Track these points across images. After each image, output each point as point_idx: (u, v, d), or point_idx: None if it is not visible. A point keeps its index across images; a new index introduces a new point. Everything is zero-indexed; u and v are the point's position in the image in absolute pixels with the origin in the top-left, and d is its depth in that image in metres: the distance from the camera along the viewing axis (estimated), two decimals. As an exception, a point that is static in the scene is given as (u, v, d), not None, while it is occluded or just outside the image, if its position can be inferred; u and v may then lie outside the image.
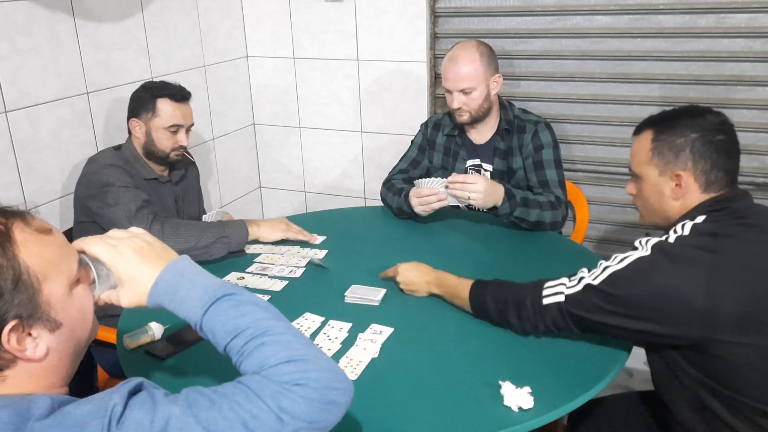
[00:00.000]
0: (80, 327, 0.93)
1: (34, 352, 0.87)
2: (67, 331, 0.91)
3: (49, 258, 0.89)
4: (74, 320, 0.92)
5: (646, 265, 1.27)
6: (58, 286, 0.89)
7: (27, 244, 0.87)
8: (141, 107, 1.99)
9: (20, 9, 1.97)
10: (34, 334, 0.87)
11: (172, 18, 2.56)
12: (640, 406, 1.59)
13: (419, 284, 1.64)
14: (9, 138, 1.98)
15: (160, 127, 1.98)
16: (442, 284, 1.61)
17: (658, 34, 2.34)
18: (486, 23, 2.58)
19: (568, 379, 1.31)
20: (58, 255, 0.91)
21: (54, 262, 0.89)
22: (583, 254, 1.92)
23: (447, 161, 2.26)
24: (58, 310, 0.89)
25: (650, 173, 1.39)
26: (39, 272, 0.86)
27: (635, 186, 1.46)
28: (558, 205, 2.02)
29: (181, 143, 2.02)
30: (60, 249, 0.92)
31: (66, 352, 0.92)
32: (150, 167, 2.05)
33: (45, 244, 0.89)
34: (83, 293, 0.95)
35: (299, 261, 1.88)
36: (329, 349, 1.43)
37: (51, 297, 0.88)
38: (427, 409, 1.23)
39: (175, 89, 2.01)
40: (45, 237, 0.90)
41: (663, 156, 1.36)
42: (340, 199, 3.08)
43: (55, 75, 2.10)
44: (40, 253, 0.88)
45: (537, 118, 2.16)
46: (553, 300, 1.36)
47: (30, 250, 0.87)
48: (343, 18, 2.76)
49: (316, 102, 2.97)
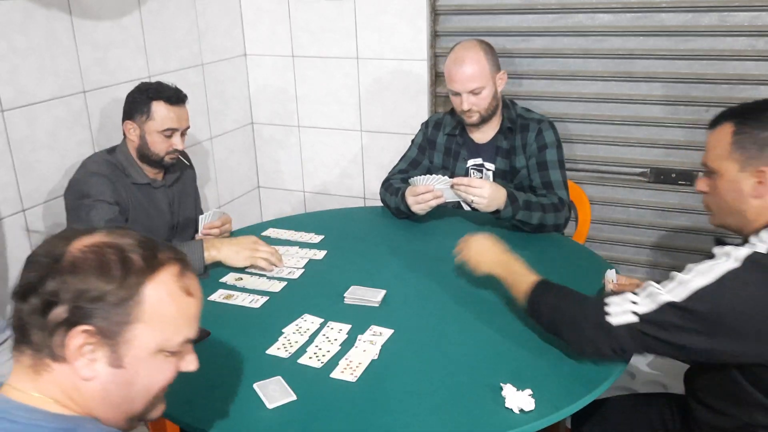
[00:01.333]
0: (139, 389, 0.89)
1: (83, 367, 0.85)
2: (124, 381, 0.87)
3: (166, 312, 0.87)
4: (138, 377, 0.88)
5: (738, 279, 1.16)
6: (150, 339, 0.87)
7: (161, 287, 0.87)
8: (135, 109, 1.95)
9: (17, 7, 1.95)
10: (97, 355, 0.85)
11: (170, 16, 2.54)
12: (643, 408, 1.58)
13: (488, 257, 1.57)
14: (5, 137, 1.96)
15: (154, 130, 1.95)
16: (509, 268, 1.51)
17: (661, 33, 2.32)
18: (487, 21, 2.57)
19: (570, 381, 1.30)
20: (176, 318, 0.89)
21: (166, 319, 0.88)
22: (585, 255, 1.90)
23: (448, 161, 2.24)
24: (131, 355, 0.86)
25: (729, 168, 1.28)
26: (146, 313, 0.85)
27: (708, 183, 1.34)
28: (561, 207, 2.00)
29: (176, 147, 1.98)
30: (182, 317, 0.89)
31: (110, 400, 0.88)
32: (143, 171, 2.02)
33: (175, 299, 0.88)
34: (163, 370, 0.90)
35: (298, 262, 1.86)
36: (328, 351, 1.42)
37: (135, 340, 0.86)
38: (427, 412, 1.22)
39: (170, 91, 1.97)
40: (181, 295, 0.89)
41: (745, 150, 1.25)
42: (340, 199, 3.06)
43: (51, 74, 2.08)
44: (163, 302, 0.87)
45: (540, 117, 2.15)
46: (622, 321, 1.23)
47: (157, 293, 0.86)
48: (342, 16, 2.74)
49: (315, 101, 2.96)
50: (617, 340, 1.24)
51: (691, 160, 2.39)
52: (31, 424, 0.82)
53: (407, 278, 1.75)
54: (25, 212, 2.06)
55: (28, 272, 0.86)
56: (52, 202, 2.13)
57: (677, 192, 2.44)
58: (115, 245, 0.87)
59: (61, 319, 0.83)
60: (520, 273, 1.48)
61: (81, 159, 2.02)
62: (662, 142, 2.42)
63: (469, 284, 1.70)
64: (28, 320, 0.84)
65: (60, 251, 0.85)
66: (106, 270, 0.84)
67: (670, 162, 2.43)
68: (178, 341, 0.90)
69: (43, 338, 0.84)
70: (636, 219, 2.55)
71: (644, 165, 2.47)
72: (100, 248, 0.86)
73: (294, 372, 1.35)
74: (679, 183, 2.42)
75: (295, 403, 1.25)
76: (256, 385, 1.30)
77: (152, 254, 0.88)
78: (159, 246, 0.91)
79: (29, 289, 0.84)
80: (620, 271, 1.97)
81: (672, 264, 2.53)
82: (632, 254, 2.59)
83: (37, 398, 0.85)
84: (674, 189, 2.44)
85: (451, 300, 1.63)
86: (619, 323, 1.23)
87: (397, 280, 1.73)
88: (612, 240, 2.61)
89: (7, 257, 2.01)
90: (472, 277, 1.74)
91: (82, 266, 0.84)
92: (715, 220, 1.37)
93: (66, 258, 0.85)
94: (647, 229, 2.54)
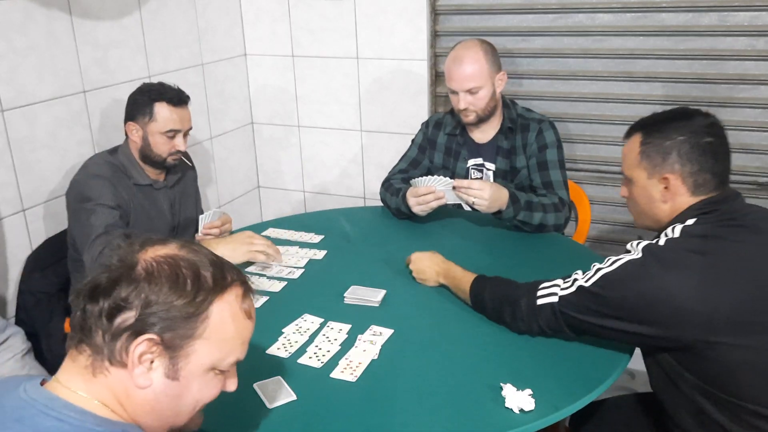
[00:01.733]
0: (187, 402, 0.90)
1: (140, 375, 0.85)
2: (176, 394, 0.88)
3: (226, 332, 0.89)
4: (188, 391, 0.89)
5: (637, 268, 1.27)
6: (207, 356, 0.88)
7: (226, 306, 0.89)
8: (138, 111, 1.95)
9: (17, 7, 1.95)
10: (156, 365, 0.86)
11: (170, 16, 2.54)
12: (643, 408, 1.58)
13: (429, 273, 1.68)
14: (5, 137, 1.96)
15: (156, 131, 1.94)
16: (449, 275, 1.64)
17: (661, 33, 2.32)
18: (487, 21, 2.57)
19: (570, 381, 1.30)
20: (234, 339, 0.91)
21: (225, 339, 0.89)
22: (584, 254, 1.90)
23: (448, 161, 2.24)
24: (187, 369, 0.87)
25: (639, 176, 1.40)
26: (208, 331, 0.87)
27: (627, 189, 1.47)
28: (561, 207, 2.00)
29: (178, 148, 1.98)
30: (239, 338, 0.92)
31: (158, 409, 0.89)
32: (145, 172, 2.02)
33: (235, 321, 0.90)
34: (211, 387, 0.92)
35: (298, 261, 1.86)
36: (328, 351, 1.42)
37: (194, 355, 0.87)
38: (427, 411, 1.22)
39: (173, 93, 1.96)
40: (242, 318, 0.92)
41: (651, 159, 1.37)
42: (340, 198, 3.06)
43: (51, 73, 2.08)
44: (225, 322, 0.89)
45: (541, 117, 2.15)
46: (547, 301, 1.37)
47: (222, 312, 0.88)
48: (342, 16, 2.74)
49: (315, 101, 2.95)
50: (543, 318, 1.38)
51: (691, 160, 2.39)
52: (82, 426, 0.82)
53: (407, 278, 1.75)
54: (25, 212, 2.06)
55: (99, 274, 0.87)
56: (52, 202, 2.13)
57: (677, 192, 2.44)
58: (189, 260, 0.89)
59: (128, 325, 0.84)
60: (459, 276, 1.61)
61: (81, 159, 2.02)
62: (662, 142, 2.42)
63: (469, 284, 1.70)
64: (94, 321, 0.85)
65: (134, 258, 0.87)
66: (180, 284, 0.86)
67: (670, 162, 2.43)
68: (230, 361, 0.92)
69: (106, 341, 0.85)
70: (636, 219, 2.54)
71: (644, 165, 2.47)
72: (175, 261, 0.88)
73: (294, 372, 1.35)
74: (679, 183, 2.42)
75: (295, 403, 1.25)
76: (257, 384, 1.30)
77: (222, 274, 0.90)
78: (227, 266, 0.93)
79: (100, 292, 0.85)
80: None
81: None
82: (632, 254, 2.58)
83: (84, 398, 0.85)
84: (674, 189, 2.44)
85: (451, 300, 1.63)
86: (542, 303, 1.37)
87: (397, 280, 1.73)
88: (612, 240, 2.61)
89: (7, 257, 2.01)
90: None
91: (156, 276, 0.85)
92: (637, 222, 1.50)
93: (140, 266, 0.86)
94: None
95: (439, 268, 1.67)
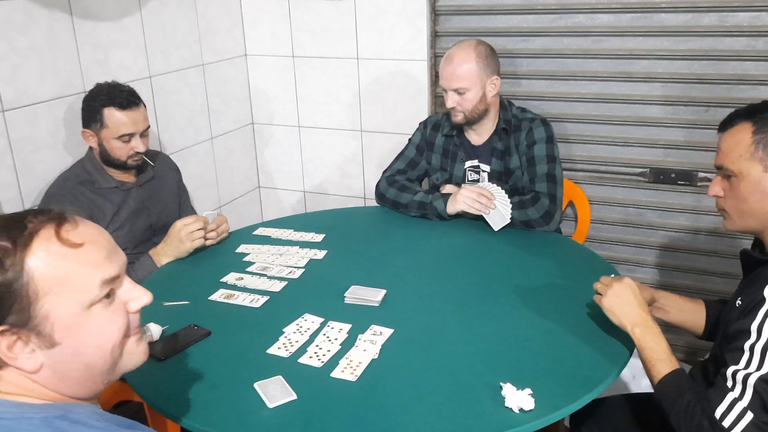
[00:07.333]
0: (91, 352, 0.86)
1: (26, 362, 0.84)
2: (69, 353, 0.85)
3: (63, 273, 0.83)
4: (81, 343, 0.85)
5: None
6: (66, 303, 0.83)
7: (42, 253, 0.82)
8: (90, 117, 1.93)
9: (18, 7, 1.95)
10: (31, 345, 0.83)
11: (171, 16, 2.54)
12: (642, 408, 1.58)
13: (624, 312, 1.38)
14: (6, 137, 1.97)
15: (110, 137, 1.93)
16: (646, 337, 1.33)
17: (660, 33, 2.32)
18: (487, 21, 2.57)
19: (570, 381, 1.30)
20: (76, 272, 0.84)
21: (67, 278, 0.83)
22: (584, 255, 1.91)
23: (446, 162, 2.24)
24: (57, 328, 0.83)
25: (752, 170, 1.24)
26: (43, 285, 0.82)
27: (725, 186, 1.31)
28: (539, 198, 2.01)
29: (136, 150, 1.96)
30: (83, 266, 0.85)
31: (67, 375, 0.86)
32: (111, 175, 2.02)
33: (65, 257, 0.84)
34: (110, 321, 0.88)
35: (298, 261, 1.87)
36: (329, 350, 1.42)
37: (52, 313, 0.83)
38: (427, 411, 1.22)
39: (122, 96, 1.92)
40: (69, 250, 0.84)
41: None
42: (340, 198, 3.07)
43: (52, 74, 2.09)
44: (54, 265, 0.83)
45: (533, 116, 2.15)
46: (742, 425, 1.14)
47: (42, 260, 0.82)
48: (342, 16, 2.74)
49: (315, 101, 2.96)
50: None
51: (690, 160, 2.40)
52: (20, 417, 0.82)
53: (407, 278, 1.75)
54: (26, 212, 2.06)
55: None
56: (52, 202, 2.14)
57: (676, 192, 2.45)
58: None
59: None
60: (656, 351, 1.31)
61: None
62: (662, 143, 2.43)
63: (470, 284, 1.70)
64: None
65: None
66: None
67: (670, 162, 2.44)
68: (95, 290, 0.85)
69: None
70: (635, 219, 2.55)
71: (643, 165, 2.47)
72: None
73: (294, 371, 1.35)
74: (678, 183, 2.43)
75: (295, 403, 1.26)
76: (257, 384, 1.30)
77: (20, 230, 0.83)
78: (27, 217, 0.85)
79: None
80: (620, 271, 1.98)
81: (672, 263, 2.53)
82: (632, 254, 2.59)
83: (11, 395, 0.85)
84: (673, 189, 2.45)
85: (451, 300, 1.63)
86: (741, 429, 1.14)
87: (397, 280, 1.74)
88: (611, 240, 2.61)
89: (8, 257, 2.01)
90: (472, 277, 1.75)
91: None
92: (733, 224, 1.32)
93: None
94: (647, 229, 2.54)
95: (637, 317, 1.36)
